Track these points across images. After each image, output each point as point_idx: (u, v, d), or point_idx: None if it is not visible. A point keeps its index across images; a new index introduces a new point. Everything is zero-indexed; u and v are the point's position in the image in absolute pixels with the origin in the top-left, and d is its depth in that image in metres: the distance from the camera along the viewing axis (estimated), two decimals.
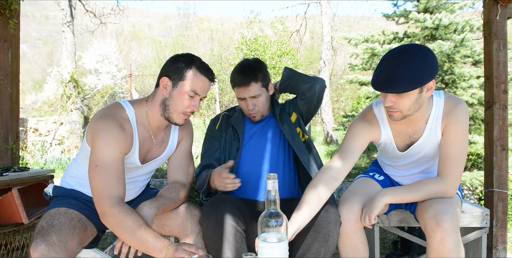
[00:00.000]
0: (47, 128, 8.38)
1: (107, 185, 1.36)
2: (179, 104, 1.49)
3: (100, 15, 9.86)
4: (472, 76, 4.98)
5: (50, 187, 1.62)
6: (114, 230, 1.37)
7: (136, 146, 1.51)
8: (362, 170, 4.84)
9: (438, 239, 1.40)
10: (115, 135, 1.40)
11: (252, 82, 1.79)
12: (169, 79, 1.50)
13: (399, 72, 1.37)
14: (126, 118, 1.49)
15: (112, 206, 1.34)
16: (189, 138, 1.74)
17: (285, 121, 1.89)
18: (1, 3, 2.53)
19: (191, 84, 1.48)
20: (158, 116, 1.55)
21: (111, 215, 1.34)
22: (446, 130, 1.55)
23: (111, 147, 1.39)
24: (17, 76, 2.66)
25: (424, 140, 1.60)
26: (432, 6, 5.19)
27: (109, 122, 1.42)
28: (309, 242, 1.47)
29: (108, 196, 1.35)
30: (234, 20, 30.17)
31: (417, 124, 1.59)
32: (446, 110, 1.54)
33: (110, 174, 1.37)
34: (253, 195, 1.78)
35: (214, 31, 19.31)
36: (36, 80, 22.01)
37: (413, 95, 1.42)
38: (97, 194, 1.36)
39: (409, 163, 1.71)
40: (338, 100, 14.76)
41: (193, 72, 1.48)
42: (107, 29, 11.13)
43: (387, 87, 1.40)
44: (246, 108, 1.86)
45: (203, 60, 1.57)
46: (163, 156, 1.65)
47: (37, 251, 1.24)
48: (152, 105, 1.55)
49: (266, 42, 9.73)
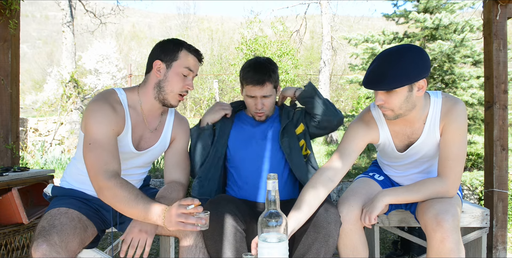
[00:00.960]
0: (47, 128, 8.38)
1: (102, 160, 1.38)
2: (175, 84, 1.55)
3: (100, 15, 9.86)
4: (472, 76, 4.99)
5: (49, 187, 1.63)
6: (112, 203, 1.37)
7: (129, 128, 1.54)
8: (362, 170, 4.84)
9: (438, 238, 1.40)
10: (106, 113, 1.45)
11: (267, 82, 1.80)
12: (162, 61, 1.55)
13: (387, 70, 1.40)
14: (118, 101, 1.54)
15: (107, 179, 1.35)
16: (186, 136, 1.75)
17: (287, 133, 1.85)
18: (1, 3, 2.53)
19: (184, 63, 1.55)
20: (151, 100, 1.59)
21: (107, 188, 1.35)
22: (445, 129, 1.55)
23: (103, 124, 1.43)
24: (17, 76, 2.66)
25: (423, 140, 1.60)
26: (432, 6, 5.20)
27: (100, 103, 1.47)
28: (309, 242, 1.47)
29: (104, 170, 1.37)
30: (234, 20, 30.16)
31: (415, 125, 1.59)
32: (444, 110, 1.55)
33: (104, 149, 1.40)
34: (253, 197, 1.77)
35: (214, 31, 19.31)
36: (36, 80, 22.00)
37: (402, 94, 1.43)
38: (92, 170, 1.38)
39: (409, 163, 1.71)
40: (338, 100, 14.75)
41: (184, 52, 1.56)
42: (107, 29, 11.13)
43: (375, 85, 1.43)
44: (253, 107, 1.85)
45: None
46: (157, 145, 1.66)
47: (38, 251, 1.24)
48: (144, 89, 1.60)
49: (266, 42, 9.74)
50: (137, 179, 1.72)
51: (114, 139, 1.45)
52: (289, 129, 1.87)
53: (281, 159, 1.83)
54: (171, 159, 1.70)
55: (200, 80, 13.69)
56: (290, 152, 1.81)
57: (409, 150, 1.64)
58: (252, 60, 1.88)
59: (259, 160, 1.82)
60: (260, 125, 1.91)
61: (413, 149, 1.63)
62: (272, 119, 1.94)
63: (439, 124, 1.56)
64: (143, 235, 1.42)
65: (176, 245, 1.80)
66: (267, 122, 1.92)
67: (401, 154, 1.68)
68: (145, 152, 1.63)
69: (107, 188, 1.35)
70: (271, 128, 1.89)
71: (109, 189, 1.35)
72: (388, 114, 1.52)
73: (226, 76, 11.08)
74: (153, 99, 1.59)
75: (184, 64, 1.55)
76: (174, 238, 1.70)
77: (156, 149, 1.66)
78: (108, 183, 1.35)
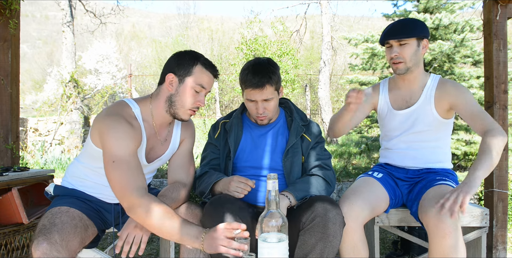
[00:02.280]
0: (47, 128, 8.38)
1: (131, 177, 1.36)
2: (186, 99, 1.51)
3: (100, 15, 9.85)
4: (472, 76, 4.98)
5: (51, 186, 1.62)
6: (144, 222, 1.34)
7: (144, 142, 1.52)
8: (362, 170, 4.84)
9: (440, 235, 1.43)
10: (126, 130, 1.41)
11: (267, 85, 1.68)
12: (175, 75, 1.51)
13: (401, 25, 1.80)
14: (133, 115, 1.51)
15: (141, 196, 1.33)
16: (191, 138, 1.74)
17: (292, 152, 1.78)
18: (1, 3, 2.53)
19: (198, 79, 1.51)
20: (163, 113, 1.56)
21: (140, 206, 1.32)
22: (452, 100, 1.75)
23: (125, 141, 1.39)
24: (17, 76, 2.66)
25: (419, 105, 1.83)
26: (432, 6, 5.19)
27: (117, 118, 1.43)
28: (313, 242, 1.47)
29: (134, 187, 1.34)
30: (234, 20, 30.15)
31: (414, 87, 1.86)
32: (440, 84, 1.83)
33: (130, 166, 1.37)
34: (253, 199, 1.77)
35: (214, 31, 19.28)
36: (36, 80, 22.00)
37: (413, 47, 1.78)
38: (120, 188, 1.35)
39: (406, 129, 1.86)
40: (338, 100, 14.75)
41: (199, 67, 1.51)
42: (107, 29, 11.13)
43: (391, 35, 1.79)
44: (255, 111, 1.75)
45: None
46: (166, 154, 1.65)
47: (38, 250, 1.24)
48: (156, 102, 1.56)
49: (266, 42, 9.73)
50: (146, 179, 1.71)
51: (136, 155, 1.43)
52: (295, 147, 1.79)
53: (281, 174, 1.79)
54: (176, 160, 1.69)
55: None
56: (290, 171, 1.77)
57: (405, 109, 1.86)
58: (251, 62, 1.78)
59: (259, 162, 1.79)
60: (263, 130, 1.84)
61: (409, 110, 1.85)
62: (277, 128, 1.85)
63: (434, 93, 1.81)
64: (138, 231, 1.42)
65: (176, 245, 1.80)
66: (270, 126, 1.84)
67: (398, 112, 1.88)
68: (153, 163, 1.62)
69: (140, 206, 1.33)
70: (275, 132, 1.83)
71: (143, 206, 1.33)
72: (400, 67, 1.80)
73: (226, 76, 11.07)
74: (164, 113, 1.56)
75: (197, 80, 1.51)
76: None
77: (165, 157, 1.66)
78: (141, 200, 1.33)
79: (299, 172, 1.79)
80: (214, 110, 11.20)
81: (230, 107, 13.79)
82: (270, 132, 1.84)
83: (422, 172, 1.87)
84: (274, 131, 1.84)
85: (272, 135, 1.83)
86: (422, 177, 1.85)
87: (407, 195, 1.84)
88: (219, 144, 1.85)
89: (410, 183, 1.87)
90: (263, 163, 1.79)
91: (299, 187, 1.66)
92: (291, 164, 1.76)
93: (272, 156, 1.79)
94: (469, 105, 1.71)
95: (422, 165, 1.87)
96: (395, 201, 1.82)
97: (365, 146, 5.96)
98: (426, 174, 1.85)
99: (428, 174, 1.84)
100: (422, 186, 1.76)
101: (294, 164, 1.77)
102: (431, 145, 1.85)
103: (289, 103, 1.93)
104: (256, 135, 1.84)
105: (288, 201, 1.60)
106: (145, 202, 1.33)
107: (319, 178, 1.73)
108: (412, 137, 1.86)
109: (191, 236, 1.30)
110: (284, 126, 1.86)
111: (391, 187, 1.83)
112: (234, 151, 1.81)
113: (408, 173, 1.89)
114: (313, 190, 1.66)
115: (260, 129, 1.85)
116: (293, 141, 1.77)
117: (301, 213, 1.54)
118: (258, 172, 1.78)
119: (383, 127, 1.99)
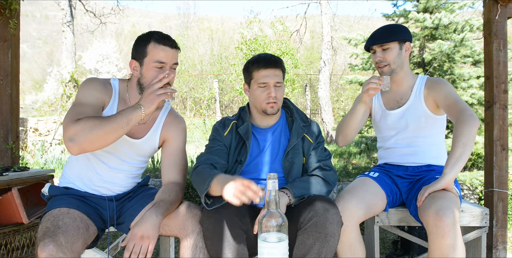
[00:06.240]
0: (47, 128, 8.37)
1: (78, 114, 1.40)
2: (151, 78, 1.54)
3: (100, 15, 9.86)
4: (472, 76, 4.97)
5: (46, 187, 1.63)
6: (91, 139, 1.35)
7: (115, 104, 1.59)
8: (362, 169, 4.84)
9: (440, 234, 1.44)
10: (94, 85, 1.56)
11: (279, 66, 1.74)
12: (135, 60, 1.58)
13: (380, 31, 1.91)
14: (109, 83, 1.64)
15: (75, 121, 1.36)
16: (181, 135, 1.73)
17: (292, 153, 1.77)
18: (1, 3, 2.53)
19: (153, 56, 1.54)
20: (137, 94, 1.63)
21: (74, 126, 1.34)
22: (434, 94, 1.82)
23: (88, 91, 1.53)
24: (17, 76, 2.66)
25: (410, 103, 1.90)
26: (431, 6, 5.19)
27: (91, 78, 1.61)
28: (311, 242, 1.47)
29: (76, 118, 1.37)
30: (234, 20, 30.11)
31: (403, 88, 1.93)
32: (428, 82, 1.89)
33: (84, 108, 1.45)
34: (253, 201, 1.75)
35: (214, 31, 19.24)
36: (36, 80, 21.98)
37: (395, 50, 1.86)
38: (65, 121, 1.39)
39: (401, 128, 1.91)
40: (338, 100, 14.74)
41: (152, 45, 1.55)
42: (107, 29, 11.13)
43: (374, 42, 1.89)
44: (266, 96, 1.71)
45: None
46: (146, 139, 1.65)
47: (45, 252, 1.24)
48: (131, 85, 1.65)
49: (266, 42, 9.72)
50: (130, 171, 1.69)
51: (97, 107, 1.51)
52: (296, 148, 1.78)
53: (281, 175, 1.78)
54: (167, 159, 1.70)
55: (200, 80, 13.67)
56: (290, 172, 1.76)
57: (398, 109, 1.92)
58: (258, 54, 1.82)
59: (260, 165, 1.79)
60: (269, 138, 1.82)
61: (401, 109, 1.91)
62: (279, 129, 1.83)
63: (423, 91, 1.87)
64: (145, 241, 1.42)
65: (176, 245, 1.80)
66: (274, 133, 1.82)
67: (390, 112, 1.93)
68: (133, 142, 1.62)
69: (75, 126, 1.34)
70: (275, 136, 1.82)
71: (76, 125, 1.34)
72: (385, 70, 1.88)
73: (226, 76, 11.06)
74: (138, 95, 1.62)
75: (153, 58, 1.54)
76: (174, 238, 1.70)
77: (145, 142, 1.65)
78: (76, 123, 1.35)
79: (299, 173, 1.79)
80: (214, 110, 11.19)
81: (230, 107, 13.77)
82: (272, 134, 1.83)
83: (421, 170, 1.88)
84: (276, 132, 1.84)
85: (274, 137, 1.83)
86: (422, 175, 1.86)
87: (407, 193, 1.85)
88: (227, 142, 1.79)
89: (410, 181, 1.88)
90: (264, 165, 1.79)
91: (298, 184, 1.66)
92: (291, 165, 1.76)
93: (274, 158, 1.79)
94: (446, 96, 1.76)
95: (421, 160, 1.89)
96: (392, 199, 1.83)
97: (365, 145, 5.96)
98: (426, 172, 1.86)
99: (427, 172, 1.86)
100: (421, 185, 1.77)
101: (295, 165, 1.77)
102: (428, 142, 1.89)
103: (289, 103, 1.92)
104: (260, 139, 1.82)
105: (288, 198, 1.60)
106: (79, 122, 1.35)
107: (318, 178, 1.74)
108: (409, 135, 1.89)
109: (130, 110, 1.41)
110: (285, 127, 1.85)
111: (387, 184, 1.84)
112: (245, 157, 1.77)
113: (408, 170, 1.90)
114: (312, 190, 1.66)
115: (262, 132, 1.83)
116: (294, 142, 1.77)
117: (299, 212, 1.54)
118: (259, 174, 1.78)
119: (379, 129, 2.04)
